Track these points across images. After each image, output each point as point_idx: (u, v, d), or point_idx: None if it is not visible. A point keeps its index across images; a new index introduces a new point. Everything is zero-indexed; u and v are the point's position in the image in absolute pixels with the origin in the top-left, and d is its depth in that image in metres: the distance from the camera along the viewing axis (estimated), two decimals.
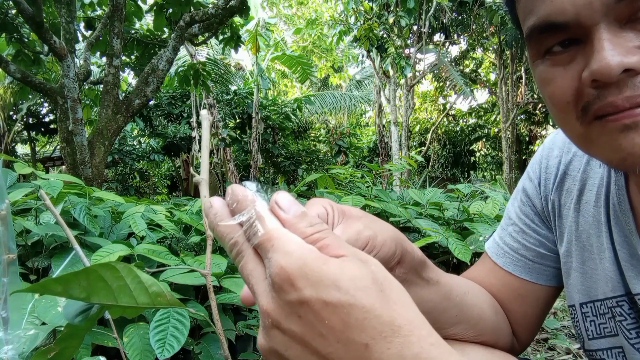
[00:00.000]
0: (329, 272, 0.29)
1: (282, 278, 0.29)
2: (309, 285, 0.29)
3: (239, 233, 0.34)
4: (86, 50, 4.70)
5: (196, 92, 8.95)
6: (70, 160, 4.03)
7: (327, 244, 0.32)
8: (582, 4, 0.39)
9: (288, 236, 0.32)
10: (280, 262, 0.30)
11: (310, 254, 0.30)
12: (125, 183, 10.44)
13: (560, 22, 0.41)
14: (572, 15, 0.40)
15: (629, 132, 0.40)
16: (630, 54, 0.39)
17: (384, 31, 8.86)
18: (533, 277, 0.68)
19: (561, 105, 0.45)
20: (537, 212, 0.69)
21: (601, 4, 0.39)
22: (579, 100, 0.43)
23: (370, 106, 15.67)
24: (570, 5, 0.40)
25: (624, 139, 0.41)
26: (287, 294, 0.29)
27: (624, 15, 0.39)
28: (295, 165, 11.14)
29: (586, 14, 0.40)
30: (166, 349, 1.41)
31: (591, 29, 0.40)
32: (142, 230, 1.90)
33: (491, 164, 17.02)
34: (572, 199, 0.65)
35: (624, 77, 0.39)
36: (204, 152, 0.38)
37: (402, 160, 7.70)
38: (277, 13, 17.30)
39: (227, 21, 4.74)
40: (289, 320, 0.30)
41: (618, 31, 0.39)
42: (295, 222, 0.33)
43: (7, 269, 0.40)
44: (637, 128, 0.40)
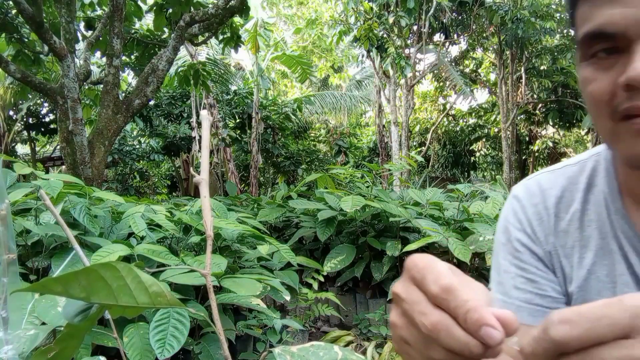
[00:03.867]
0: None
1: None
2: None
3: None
4: (86, 50, 4.70)
5: (196, 92, 8.95)
6: (70, 160, 4.03)
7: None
8: (631, 20, 0.47)
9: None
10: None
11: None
12: (125, 183, 10.44)
13: (610, 32, 0.48)
14: (621, 27, 0.47)
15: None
16: None
17: (384, 31, 8.86)
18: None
19: (598, 103, 0.52)
20: (540, 258, 0.68)
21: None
22: (612, 101, 0.50)
23: (370, 106, 15.67)
24: (622, 19, 0.47)
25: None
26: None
27: None
28: (295, 165, 11.14)
29: (633, 29, 0.47)
30: (166, 349, 1.41)
31: (634, 42, 0.47)
32: (142, 230, 1.90)
33: (491, 164, 17.02)
34: (575, 237, 0.66)
35: None
36: (204, 152, 0.38)
37: (402, 160, 7.70)
38: (277, 13, 17.30)
39: (227, 21, 4.74)
40: None
41: None
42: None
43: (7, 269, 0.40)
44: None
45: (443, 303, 0.35)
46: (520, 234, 0.69)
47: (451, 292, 0.35)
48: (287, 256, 2.33)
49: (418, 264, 0.38)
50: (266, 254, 2.21)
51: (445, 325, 0.35)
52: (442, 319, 0.35)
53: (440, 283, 0.35)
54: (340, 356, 0.33)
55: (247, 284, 1.66)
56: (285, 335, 2.35)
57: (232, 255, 2.40)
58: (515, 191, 0.72)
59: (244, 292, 1.62)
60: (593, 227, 0.64)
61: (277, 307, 3.15)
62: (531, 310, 0.67)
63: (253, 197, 5.01)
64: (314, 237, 3.45)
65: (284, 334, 2.34)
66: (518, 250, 0.69)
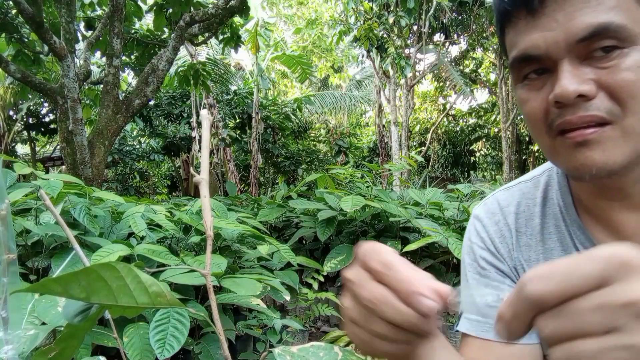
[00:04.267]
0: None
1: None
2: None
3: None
4: (86, 50, 4.70)
5: (196, 92, 8.94)
6: (70, 160, 4.03)
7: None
8: (551, 42, 0.51)
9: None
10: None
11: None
12: (125, 183, 10.43)
13: (535, 55, 0.53)
14: (543, 50, 0.52)
15: (581, 148, 0.52)
16: (584, 84, 0.50)
17: (384, 31, 8.86)
18: (526, 338, 0.67)
19: (534, 122, 0.56)
20: (506, 275, 0.70)
21: (565, 43, 0.50)
22: (547, 118, 0.54)
23: (370, 106, 15.67)
24: (543, 43, 0.52)
25: (578, 152, 0.52)
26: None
27: (582, 53, 0.50)
28: (295, 165, 11.13)
29: (554, 50, 0.51)
30: (166, 349, 1.41)
31: (557, 62, 0.51)
32: (142, 230, 1.90)
33: (491, 164, 17.02)
34: (538, 250, 0.68)
35: (578, 100, 0.50)
36: (204, 152, 0.38)
37: (402, 160, 7.70)
38: (277, 13, 17.29)
39: (227, 21, 4.74)
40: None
41: (578, 65, 0.51)
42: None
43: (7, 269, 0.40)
44: (588, 144, 0.51)
45: (384, 278, 0.39)
46: (484, 252, 0.71)
47: (391, 268, 0.39)
48: (287, 256, 2.33)
49: (365, 248, 0.41)
50: (266, 254, 2.21)
51: (385, 297, 0.38)
52: (383, 292, 0.38)
53: (381, 259, 0.39)
54: (340, 357, 0.33)
55: (247, 284, 1.66)
56: (285, 335, 2.35)
57: (232, 255, 2.40)
58: (475, 212, 0.75)
59: (244, 292, 1.62)
60: (554, 239, 0.66)
61: (277, 307, 3.15)
62: None
63: (253, 197, 5.01)
64: (314, 237, 3.45)
65: (284, 334, 2.34)
66: (484, 268, 0.70)
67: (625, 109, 0.50)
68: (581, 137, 0.51)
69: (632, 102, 0.49)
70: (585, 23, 0.49)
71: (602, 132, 0.50)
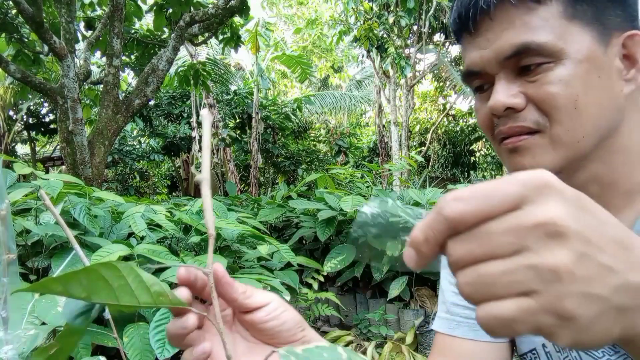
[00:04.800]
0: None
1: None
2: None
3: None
4: (86, 50, 4.70)
5: (196, 92, 8.94)
6: (70, 160, 4.03)
7: None
8: (486, 59, 0.56)
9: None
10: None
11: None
12: (125, 183, 10.44)
13: (475, 70, 0.59)
14: (481, 66, 0.57)
15: (514, 154, 0.57)
16: (514, 97, 0.54)
17: (384, 31, 8.85)
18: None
19: (484, 129, 0.62)
20: None
21: (495, 61, 0.55)
22: (491, 127, 0.60)
23: (370, 106, 15.67)
24: (480, 60, 0.57)
25: (512, 158, 0.57)
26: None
27: (514, 68, 0.55)
28: (295, 165, 11.14)
29: (488, 66, 0.56)
30: (166, 349, 1.41)
31: (494, 76, 0.56)
32: (142, 230, 1.90)
33: (491, 164, 17.02)
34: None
35: (508, 112, 0.56)
36: (205, 151, 0.37)
37: (402, 160, 7.70)
38: (277, 13, 17.29)
39: (227, 21, 4.74)
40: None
41: (511, 79, 0.55)
42: None
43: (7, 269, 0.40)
44: (518, 151, 0.56)
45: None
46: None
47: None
48: (287, 256, 2.33)
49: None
50: (266, 254, 2.21)
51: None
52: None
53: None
54: (345, 357, 0.33)
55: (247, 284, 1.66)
56: None
57: (232, 255, 2.40)
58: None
59: None
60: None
61: None
62: (471, 324, 0.69)
63: (253, 197, 5.01)
64: (314, 237, 3.45)
65: None
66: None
67: (552, 119, 0.54)
68: (512, 144, 0.56)
69: (556, 113, 0.53)
70: (508, 43, 0.53)
71: (531, 139, 0.55)
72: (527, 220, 0.27)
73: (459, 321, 0.70)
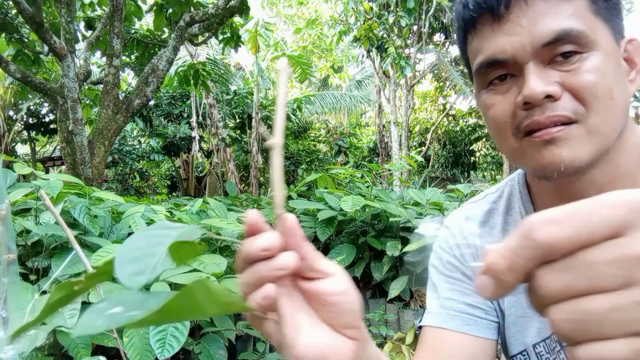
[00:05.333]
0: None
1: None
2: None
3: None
4: (86, 50, 4.70)
5: (196, 92, 8.94)
6: (70, 160, 4.03)
7: None
8: (518, 47, 0.53)
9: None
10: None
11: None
12: (125, 183, 10.44)
13: (502, 59, 0.55)
14: (510, 54, 0.54)
15: (549, 146, 0.54)
16: (551, 85, 0.52)
17: (384, 31, 8.85)
18: (484, 332, 0.69)
19: (500, 125, 0.58)
20: (469, 277, 0.72)
21: (531, 47, 0.53)
22: (513, 121, 0.57)
23: (370, 106, 15.67)
24: (510, 47, 0.54)
25: (546, 150, 0.54)
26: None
27: (546, 57, 0.53)
28: (295, 165, 11.14)
29: (520, 54, 0.54)
30: (166, 349, 1.41)
31: (523, 65, 0.54)
32: None
33: (491, 164, 17.01)
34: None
35: (545, 101, 0.53)
36: (280, 109, 0.33)
37: (402, 160, 7.70)
38: (277, 13, 17.28)
39: (227, 21, 4.74)
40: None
41: (542, 68, 0.53)
42: None
43: (7, 269, 0.40)
44: (555, 142, 0.53)
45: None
46: (451, 257, 0.74)
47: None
48: None
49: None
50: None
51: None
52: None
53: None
54: None
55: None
56: None
57: (232, 255, 2.40)
58: (446, 222, 0.79)
59: None
60: None
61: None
62: (465, 318, 0.69)
63: (253, 197, 5.01)
64: (314, 237, 3.45)
65: None
66: (450, 270, 0.74)
67: (589, 108, 0.52)
68: (549, 136, 0.53)
69: (595, 102, 0.52)
70: (549, 28, 0.52)
71: (568, 130, 0.53)
72: (636, 250, 0.24)
73: (452, 315, 0.70)
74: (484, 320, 0.70)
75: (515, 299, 0.68)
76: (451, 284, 0.72)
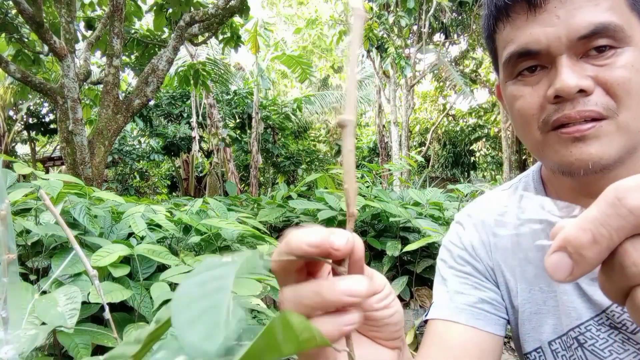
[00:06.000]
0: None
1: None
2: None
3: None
4: (86, 50, 4.70)
5: (196, 92, 8.94)
6: (70, 160, 4.03)
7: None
8: (553, 38, 0.52)
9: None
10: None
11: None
12: (125, 183, 10.44)
13: (535, 50, 0.54)
14: (544, 45, 0.53)
15: (578, 143, 0.53)
16: (584, 79, 0.51)
17: (384, 31, 8.86)
18: (492, 328, 0.68)
19: (527, 117, 0.57)
20: (481, 272, 0.71)
21: (567, 39, 0.51)
22: (541, 114, 0.55)
23: (370, 106, 15.67)
24: (544, 37, 0.52)
25: (574, 147, 0.53)
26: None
27: (580, 50, 0.52)
28: (295, 165, 11.14)
29: (555, 45, 0.52)
30: None
31: (556, 57, 0.53)
32: (142, 230, 1.90)
33: (491, 164, 17.01)
34: (513, 252, 0.69)
35: (578, 96, 0.51)
36: (351, 76, 0.26)
37: (402, 160, 7.69)
38: (277, 13, 17.29)
39: (227, 21, 4.74)
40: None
41: (576, 62, 0.52)
42: None
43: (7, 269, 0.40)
44: (585, 139, 0.52)
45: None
46: (462, 252, 0.73)
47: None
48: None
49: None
50: (266, 254, 2.20)
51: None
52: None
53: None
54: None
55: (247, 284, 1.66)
56: None
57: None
58: (457, 218, 0.78)
59: (244, 292, 1.62)
60: (530, 242, 0.67)
61: (277, 307, 3.15)
62: (474, 312, 0.68)
63: (253, 197, 5.01)
64: None
65: None
66: (461, 264, 0.72)
67: (621, 104, 0.51)
68: (579, 133, 0.52)
69: (627, 98, 0.51)
70: (586, 21, 0.50)
71: (599, 127, 0.52)
72: None
73: (462, 308, 0.68)
74: (493, 315, 0.68)
75: (530, 294, 0.67)
76: (462, 278, 0.71)
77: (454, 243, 0.74)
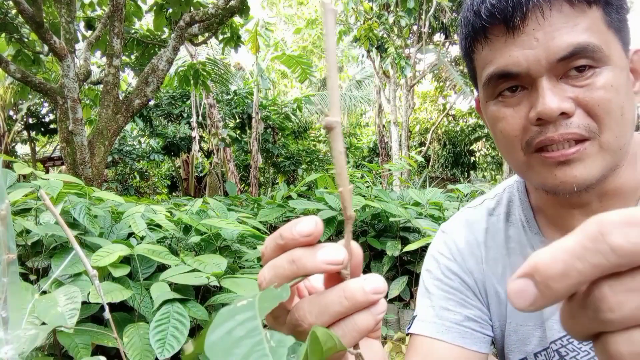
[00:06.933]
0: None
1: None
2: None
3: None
4: (86, 50, 4.70)
5: (196, 92, 8.94)
6: (70, 160, 4.03)
7: None
8: (533, 61, 0.52)
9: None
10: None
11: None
12: (125, 183, 10.44)
13: (515, 72, 0.53)
14: (524, 67, 0.52)
15: (562, 166, 0.53)
16: (565, 102, 0.51)
17: (384, 31, 8.85)
18: (478, 346, 0.68)
19: (510, 138, 0.57)
20: (469, 287, 0.70)
21: (547, 62, 0.51)
22: (524, 135, 0.55)
23: (370, 106, 15.67)
24: (524, 60, 0.52)
25: (558, 171, 0.53)
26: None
27: (560, 72, 0.52)
28: (295, 165, 11.13)
29: (535, 68, 0.52)
30: (166, 349, 1.41)
31: (537, 79, 0.52)
32: (142, 230, 1.90)
33: (491, 164, 17.01)
34: (504, 263, 0.69)
35: (560, 118, 0.52)
36: (331, 74, 0.25)
37: (402, 160, 7.70)
38: (277, 13, 17.29)
39: (227, 21, 4.74)
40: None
41: (556, 83, 0.52)
42: None
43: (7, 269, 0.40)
44: (569, 162, 0.52)
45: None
46: (450, 263, 0.72)
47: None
48: None
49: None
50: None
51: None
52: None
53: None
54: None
55: (247, 284, 1.66)
56: None
57: (232, 255, 2.40)
58: (444, 227, 0.77)
59: (244, 292, 1.62)
60: (517, 253, 0.68)
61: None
62: (460, 331, 0.67)
63: (253, 197, 5.01)
64: None
65: None
66: (448, 277, 0.71)
67: (602, 125, 0.52)
68: (564, 157, 0.52)
69: (607, 119, 0.51)
70: (566, 42, 0.50)
71: (583, 150, 0.52)
72: None
73: (448, 326, 0.68)
74: (479, 333, 0.68)
75: (512, 309, 0.67)
76: (448, 293, 0.70)
77: (442, 253, 0.73)
